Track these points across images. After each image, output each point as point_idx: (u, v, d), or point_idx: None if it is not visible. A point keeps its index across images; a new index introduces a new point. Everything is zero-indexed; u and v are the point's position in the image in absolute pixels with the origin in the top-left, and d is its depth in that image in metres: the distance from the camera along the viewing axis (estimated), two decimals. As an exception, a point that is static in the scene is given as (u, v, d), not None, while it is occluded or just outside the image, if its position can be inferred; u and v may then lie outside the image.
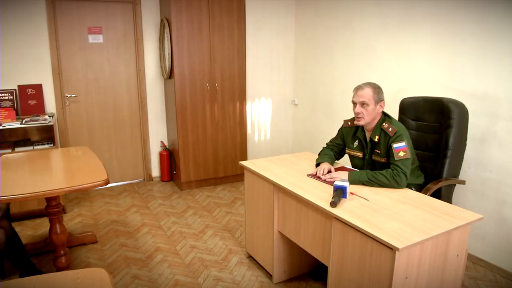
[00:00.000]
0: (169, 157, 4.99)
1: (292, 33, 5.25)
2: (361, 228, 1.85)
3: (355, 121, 2.58)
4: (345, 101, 4.36)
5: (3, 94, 4.22)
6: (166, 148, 5.04)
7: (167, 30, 4.48)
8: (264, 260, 2.93)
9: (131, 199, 4.52)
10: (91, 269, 1.43)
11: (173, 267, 3.08)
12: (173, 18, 4.33)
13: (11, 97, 4.24)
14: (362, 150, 2.67)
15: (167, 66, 4.61)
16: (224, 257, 3.22)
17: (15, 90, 4.26)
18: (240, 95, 4.82)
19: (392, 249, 1.69)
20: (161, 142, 5.06)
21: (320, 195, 2.27)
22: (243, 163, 2.97)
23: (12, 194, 2.35)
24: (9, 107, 4.18)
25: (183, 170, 4.68)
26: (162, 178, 5.09)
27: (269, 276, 2.90)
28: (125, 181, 5.03)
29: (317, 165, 2.75)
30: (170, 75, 4.57)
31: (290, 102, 5.44)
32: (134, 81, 4.87)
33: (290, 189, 2.39)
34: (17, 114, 4.15)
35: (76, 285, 1.34)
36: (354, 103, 2.52)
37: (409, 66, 3.62)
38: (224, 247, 3.37)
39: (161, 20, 4.65)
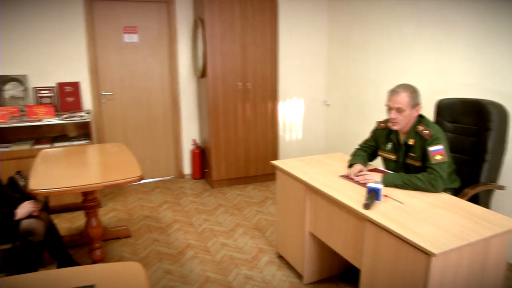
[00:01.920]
0: (201, 155, 5.05)
1: (325, 33, 5.21)
2: (395, 232, 1.82)
3: (389, 125, 2.53)
4: (378, 102, 4.29)
5: (43, 91, 4.37)
6: (198, 146, 5.10)
7: (200, 30, 4.53)
8: (294, 260, 2.92)
9: (163, 195, 4.60)
10: (127, 263, 1.47)
11: (204, 264, 3.12)
12: (206, 18, 4.38)
13: (51, 94, 4.39)
14: (396, 153, 2.62)
15: (200, 65, 4.66)
16: (254, 256, 3.23)
17: (54, 87, 4.41)
18: (272, 94, 4.82)
19: (427, 254, 1.65)
20: (193, 140, 5.13)
21: (353, 196, 2.25)
22: (275, 162, 2.96)
23: (51, 187, 2.44)
24: (48, 103, 4.33)
25: (214, 168, 4.72)
26: (193, 176, 5.16)
27: (299, 276, 2.89)
28: (157, 177, 5.13)
29: (350, 166, 2.71)
30: (203, 74, 4.62)
31: (322, 102, 5.39)
32: (168, 80, 4.95)
33: (322, 189, 2.37)
34: (56, 111, 4.29)
35: (113, 278, 1.38)
36: (389, 108, 2.47)
37: (446, 67, 3.52)
38: (254, 246, 3.38)
39: (195, 20, 4.71)
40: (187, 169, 5.21)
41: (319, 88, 5.36)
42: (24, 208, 2.51)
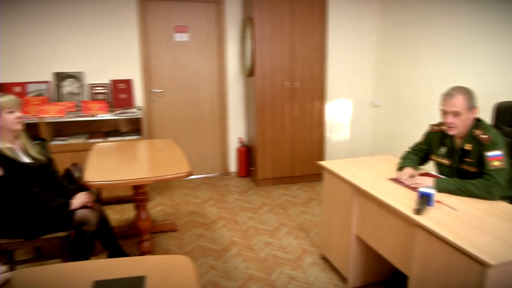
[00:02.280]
0: (247, 154, 5.08)
1: (375, 33, 5.08)
2: (448, 239, 1.74)
3: (445, 129, 2.43)
4: (431, 103, 4.14)
5: (97, 88, 4.56)
6: (244, 145, 5.14)
7: (249, 29, 4.56)
8: (339, 263, 2.87)
9: (209, 192, 4.67)
10: (176, 256, 1.50)
11: (248, 261, 3.14)
12: (255, 17, 4.40)
13: (105, 91, 4.58)
14: (450, 158, 2.51)
15: (248, 64, 4.69)
16: (298, 256, 3.21)
17: (108, 84, 4.59)
18: (319, 94, 4.77)
19: (483, 265, 1.57)
20: (240, 138, 5.17)
21: (403, 200, 2.18)
22: (322, 163, 2.93)
23: (104, 180, 2.54)
24: (102, 99, 4.51)
25: (260, 167, 4.74)
26: (239, 174, 5.20)
27: (343, 280, 2.84)
28: (203, 174, 5.21)
29: (399, 169, 2.63)
30: (251, 73, 4.65)
31: (371, 103, 5.28)
32: (216, 78, 5.02)
33: (371, 192, 2.32)
34: (109, 107, 4.46)
35: (162, 270, 1.41)
36: (444, 112, 2.37)
37: (505, 67, 3.33)
38: (298, 246, 3.36)
39: (244, 19, 4.74)
40: (232, 166, 5.26)
41: (368, 88, 5.25)
42: (79, 199, 2.63)
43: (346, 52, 5.08)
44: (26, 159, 2.55)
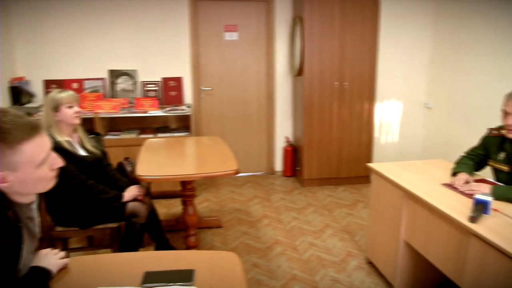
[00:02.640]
0: (293, 153, 5.06)
1: (430, 31, 4.89)
2: (506, 250, 1.65)
3: (504, 132, 2.30)
4: (488, 106, 3.94)
5: (149, 85, 4.70)
6: (291, 144, 5.12)
7: (298, 28, 4.53)
8: (385, 269, 2.80)
9: (254, 190, 4.70)
10: (224, 252, 1.52)
11: (291, 261, 3.13)
12: (305, 16, 4.36)
13: (156, 88, 4.71)
14: (509, 164, 2.37)
15: (297, 63, 4.66)
16: (343, 259, 3.16)
17: (159, 82, 4.72)
18: (369, 95, 4.67)
19: (546, 278, 1.48)
20: (286, 137, 5.16)
21: (457, 207, 2.09)
22: (371, 165, 2.86)
23: (155, 175, 2.62)
24: (154, 96, 4.64)
25: (306, 167, 4.71)
26: (284, 173, 5.19)
27: (389, 286, 2.76)
28: (249, 172, 5.25)
29: (453, 174, 2.52)
30: (299, 72, 4.62)
31: (423, 105, 5.09)
32: (264, 77, 5.03)
33: (423, 197, 2.24)
34: (160, 104, 4.59)
35: (210, 265, 1.43)
36: (506, 113, 2.24)
37: None
38: (343, 249, 3.31)
39: (293, 18, 4.72)
40: (278, 166, 5.26)
41: (420, 89, 5.07)
42: (131, 192, 2.72)
43: (398, 51, 4.93)
44: (83, 152, 2.67)
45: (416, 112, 5.12)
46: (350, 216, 3.96)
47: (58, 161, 1.28)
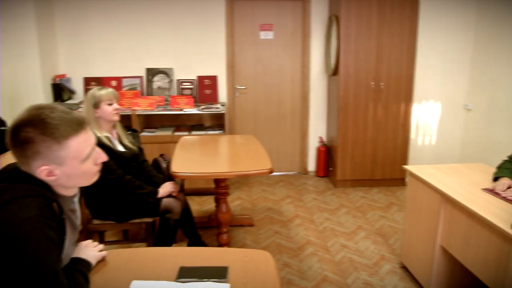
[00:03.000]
0: (326, 153, 5.01)
1: (472, 30, 4.72)
2: (552, 259, 1.58)
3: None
4: (534, 109, 3.77)
5: (185, 83, 4.77)
6: (324, 144, 5.07)
7: (334, 27, 4.48)
8: (420, 274, 2.73)
9: (286, 190, 4.69)
10: (258, 251, 1.52)
11: (323, 262, 3.10)
12: (342, 15, 4.31)
13: (191, 86, 4.77)
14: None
15: (332, 63, 4.61)
16: (376, 262, 3.11)
17: (194, 80, 4.78)
18: (406, 96, 4.56)
19: None
20: (320, 137, 5.12)
21: (498, 213, 2.01)
22: (408, 167, 2.80)
23: (190, 172, 2.65)
24: (189, 95, 4.71)
25: (339, 168, 4.65)
26: (317, 173, 5.15)
27: (424, 291, 2.70)
28: (281, 172, 5.24)
29: (495, 179, 2.43)
30: (335, 72, 4.57)
31: (462, 107, 4.93)
32: (299, 77, 5.01)
33: (462, 202, 2.16)
34: (195, 102, 4.65)
35: (244, 263, 1.44)
36: None
37: None
38: (376, 252, 3.25)
39: (329, 17, 4.67)
40: (311, 166, 5.23)
41: (460, 91, 4.90)
42: (166, 188, 2.77)
43: (438, 51, 4.79)
44: (121, 148, 2.74)
45: (455, 114, 4.96)
46: (384, 218, 3.89)
47: (102, 156, 1.33)
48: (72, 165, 1.23)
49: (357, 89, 4.48)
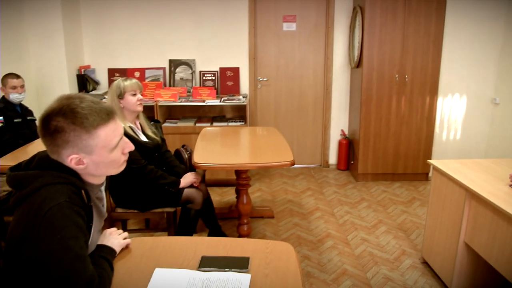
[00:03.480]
0: (348, 147, 4.97)
1: (501, 24, 4.57)
2: None
3: None
4: None
5: (207, 75, 4.79)
6: (346, 137, 5.03)
7: (359, 18, 4.41)
8: (441, 270, 2.69)
9: (306, 182, 4.67)
10: (279, 242, 1.53)
11: (342, 255, 3.09)
12: (367, 5, 4.24)
13: (213, 78, 4.79)
14: None
15: (356, 55, 4.55)
16: (397, 257, 3.08)
17: (216, 71, 4.79)
18: (431, 89, 4.47)
19: None
20: (342, 130, 5.08)
21: (526, 210, 1.96)
22: (433, 162, 2.75)
23: (211, 162, 2.67)
24: (211, 86, 4.73)
25: (361, 161, 4.61)
26: (338, 166, 5.12)
27: (445, 288, 2.67)
28: (302, 164, 5.23)
29: (523, 175, 2.37)
30: (358, 64, 4.51)
31: (490, 101, 4.80)
32: (321, 69, 4.96)
33: (488, 198, 2.12)
34: (216, 93, 4.67)
35: (265, 254, 1.45)
36: None
37: None
38: (397, 247, 3.22)
39: (354, 8, 4.61)
40: (332, 159, 5.19)
41: (488, 84, 4.77)
42: (187, 178, 2.81)
43: (466, 43, 4.66)
44: (144, 138, 2.78)
45: (482, 108, 4.84)
46: (406, 213, 3.84)
47: (130, 146, 1.35)
48: (101, 154, 1.25)
49: (381, 82, 4.42)
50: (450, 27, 4.57)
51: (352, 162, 4.91)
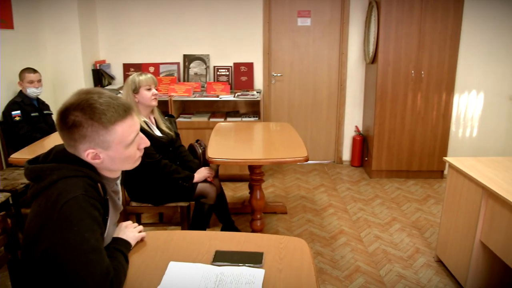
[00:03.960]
0: (362, 143, 4.94)
1: (522, 18, 4.49)
2: None
3: None
4: None
5: (221, 70, 4.79)
6: (360, 134, 4.99)
7: (375, 13, 4.36)
8: (456, 269, 2.66)
9: (320, 178, 4.66)
10: (293, 238, 1.53)
11: (355, 252, 3.08)
12: (383, 0, 4.18)
13: (227, 73, 4.79)
14: None
15: (371, 50, 4.51)
16: (410, 255, 3.05)
17: (230, 67, 4.79)
18: (447, 85, 4.40)
19: None
20: (356, 126, 5.04)
21: (544, 210, 1.93)
22: (449, 159, 2.71)
23: (225, 157, 2.68)
24: (225, 81, 4.73)
25: (375, 158, 4.58)
26: (352, 163, 5.09)
27: (459, 287, 2.63)
28: (315, 160, 5.21)
29: (542, 174, 2.33)
30: (373, 60, 4.47)
31: (508, 98, 4.71)
32: (336, 64, 4.93)
33: (506, 196, 2.08)
34: (230, 88, 4.67)
35: (279, 249, 1.45)
36: None
37: None
38: (411, 245, 3.19)
39: (370, 3, 4.55)
40: (346, 155, 5.16)
41: (506, 81, 4.68)
42: (201, 173, 2.82)
43: (484, 38, 4.56)
44: (158, 133, 2.79)
45: (500, 105, 4.76)
46: (420, 211, 3.81)
47: (145, 141, 1.36)
48: (117, 149, 1.26)
49: (396, 78, 4.37)
50: (468, 22, 4.48)
51: (366, 158, 4.88)
